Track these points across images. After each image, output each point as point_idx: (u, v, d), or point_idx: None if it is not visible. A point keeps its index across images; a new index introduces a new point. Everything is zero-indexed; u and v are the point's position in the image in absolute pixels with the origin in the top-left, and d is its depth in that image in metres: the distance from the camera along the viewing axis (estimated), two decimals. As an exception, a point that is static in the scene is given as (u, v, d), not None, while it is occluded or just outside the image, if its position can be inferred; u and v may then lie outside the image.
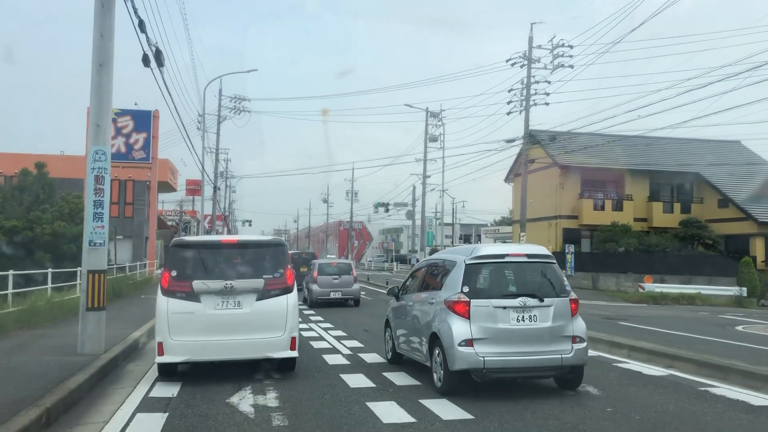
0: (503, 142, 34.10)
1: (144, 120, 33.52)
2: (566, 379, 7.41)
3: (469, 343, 6.90)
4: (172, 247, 8.32)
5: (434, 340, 7.44)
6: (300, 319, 9.09)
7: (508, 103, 33.72)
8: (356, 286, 20.59)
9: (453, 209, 42.41)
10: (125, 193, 43.84)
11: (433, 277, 8.43)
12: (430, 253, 60.43)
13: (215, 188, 45.74)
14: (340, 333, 13.46)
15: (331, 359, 9.90)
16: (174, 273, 7.86)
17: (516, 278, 7.60)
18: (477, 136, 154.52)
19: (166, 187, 47.83)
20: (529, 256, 7.58)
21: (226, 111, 46.45)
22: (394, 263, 57.45)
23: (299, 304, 8.79)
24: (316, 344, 11.62)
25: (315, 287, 20.14)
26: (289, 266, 8.24)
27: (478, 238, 43.32)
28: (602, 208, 35.04)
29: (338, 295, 20.11)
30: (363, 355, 10.32)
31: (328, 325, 15.09)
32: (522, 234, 32.21)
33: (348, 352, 10.75)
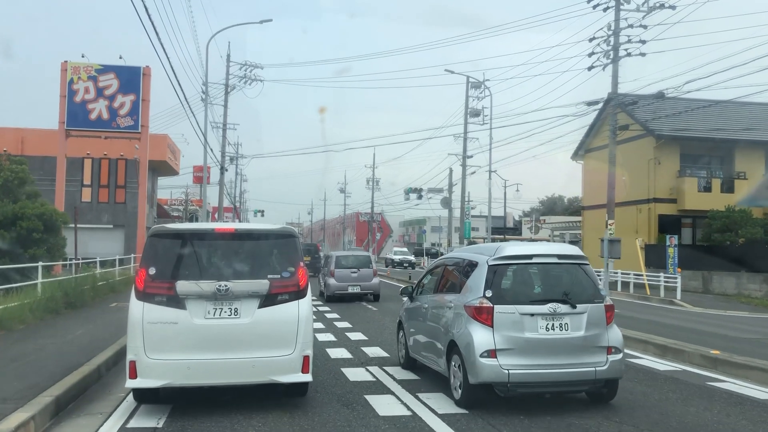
0: (583, 105, 27.17)
1: (132, 78, 26.68)
2: (599, 393, 6.69)
3: (491, 353, 6.23)
4: (151, 238, 6.44)
5: (452, 348, 6.78)
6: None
7: (590, 55, 26.80)
8: (376, 280, 20.00)
9: (503, 195, 35.51)
10: (116, 175, 37.34)
11: (451, 277, 7.67)
12: (469, 247, 53.51)
13: (222, 169, 39.09)
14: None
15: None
16: (152, 271, 6.13)
17: (545, 281, 6.84)
18: (531, 106, 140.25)
19: (166, 168, 41.14)
20: (559, 256, 6.92)
21: (235, 80, 39.86)
22: (425, 257, 50.52)
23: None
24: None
25: (332, 281, 19.57)
26: (301, 263, 6.43)
27: (536, 229, 36.21)
28: (708, 189, 27.93)
29: (357, 289, 19.59)
30: None
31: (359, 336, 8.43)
32: (610, 222, 25.27)
33: None
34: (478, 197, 70.53)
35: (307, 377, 6.24)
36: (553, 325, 6.34)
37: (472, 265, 6.97)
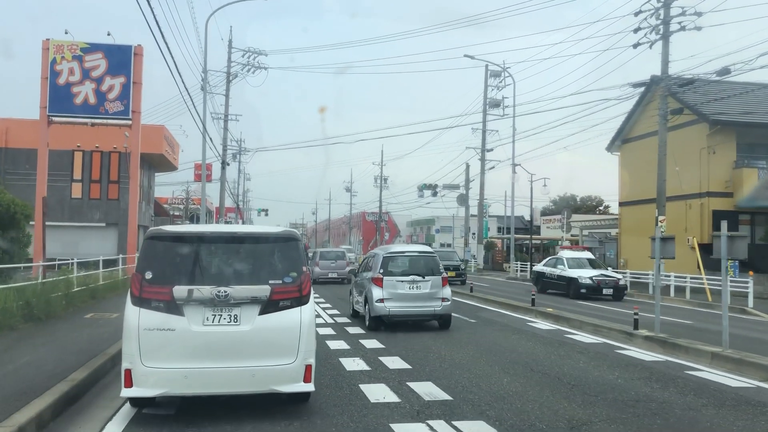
0: (628, 87, 24.28)
1: (122, 59, 23.86)
2: (440, 322, 12.80)
3: (381, 300, 12.25)
4: (147, 240, 6.27)
5: (366, 299, 12.84)
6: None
7: (635, 31, 23.96)
8: (348, 268, 26.80)
9: (530, 191, 32.28)
10: (109, 169, 34.50)
11: (368, 263, 13.83)
12: (486, 248, 50.34)
13: (223, 164, 36.34)
14: None
15: None
16: (149, 275, 5.95)
17: (410, 265, 12.88)
18: (548, 98, 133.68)
19: (163, 163, 38.35)
20: (419, 252, 13.40)
21: (238, 67, 37.14)
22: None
23: None
24: None
25: (317, 269, 26.59)
26: (305, 268, 6.38)
27: (568, 227, 32.99)
28: (770, 181, 25.00)
29: (334, 275, 27.14)
30: None
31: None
32: (661, 218, 22.35)
33: None
34: (490, 195, 67.56)
35: (310, 387, 6.15)
36: (413, 286, 12.41)
37: (376, 257, 13.12)
